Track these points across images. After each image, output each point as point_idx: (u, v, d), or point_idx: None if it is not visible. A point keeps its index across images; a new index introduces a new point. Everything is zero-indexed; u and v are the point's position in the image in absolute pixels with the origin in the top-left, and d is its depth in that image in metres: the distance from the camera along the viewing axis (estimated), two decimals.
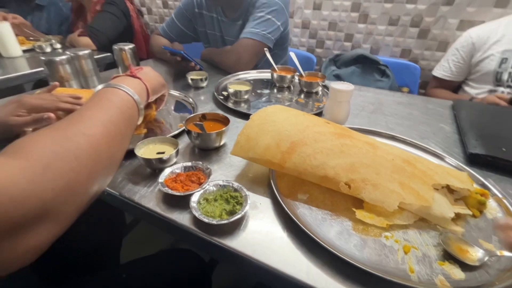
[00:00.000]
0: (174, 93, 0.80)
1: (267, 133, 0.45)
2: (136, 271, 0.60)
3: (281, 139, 0.44)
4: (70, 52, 0.81)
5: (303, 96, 0.86)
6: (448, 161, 0.51)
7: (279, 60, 1.20)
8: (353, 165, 0.41)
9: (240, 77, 0.98)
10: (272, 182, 0.43)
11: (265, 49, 0.98)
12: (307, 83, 0.86)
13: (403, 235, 0.37)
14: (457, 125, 0.68)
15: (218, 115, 0.59)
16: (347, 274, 0.32)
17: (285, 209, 0.37)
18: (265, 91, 0.88)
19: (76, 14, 1.57)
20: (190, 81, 0.88)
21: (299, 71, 0.91)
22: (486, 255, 0.33)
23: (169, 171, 0.44)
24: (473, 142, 0.56)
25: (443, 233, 0.37)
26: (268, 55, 0.96)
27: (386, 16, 1.35)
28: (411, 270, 0.32)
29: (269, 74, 0.95)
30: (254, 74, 1.01)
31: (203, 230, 0.36)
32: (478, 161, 0.52)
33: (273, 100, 0.83)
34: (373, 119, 0.72)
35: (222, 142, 0.55)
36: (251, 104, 0.79)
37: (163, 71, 1.05)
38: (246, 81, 0.84)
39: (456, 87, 1.20)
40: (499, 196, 0.43)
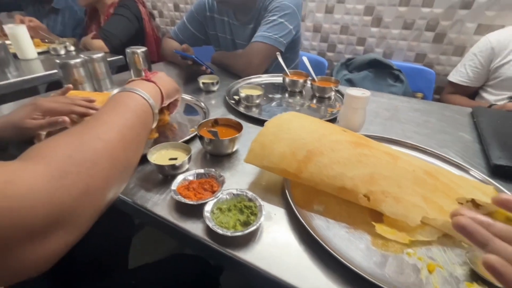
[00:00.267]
0: (186, 97, 0.80)
1: (282, 141, 0.44)
2: (145, 277, 0.60)
3: (297, 147, 0.43)
4: (84, 55, 0.82)
5: (315, 101, 0.85)
6: (472, 173, 0.49)
7: (290, 64, 1.18)
8: (372, 176, 0.39)
9: (251, 81, 0.97)
10: (287, 192, 0.41)
11: (277, 53, 0.97)
12: (320, 88, 0.84)
13: (426, 252, 0.35)
14: (478, 134, 0.66)
15: (230, 120, 0.58)
16: None
17: (303, 223, 0.36)
18: (277, 95, 0.87)
19: (90, 17, 1.60)
20: (201, 85, 0.87)
21: (311, 76, 0.89)
22: None
23: (181, 178, 0.43)
24: (497, 152, 0.53)
25: (469, 251, 0.35)
26: (280, 59, 0.95)
27: (400, 19, 1.32)
28: None
29: (281, 78, 0.94)
30: (265, 78, 1.00)
31: (217, 241, 0.35)
32: (503, 173, 0.50)
33: (284, 104, 0.82)
34: (389, 126, 0.70)
35: (234, 148, 0.54)
36: (262, 108, 0.78)
37: (174, 75, 1.06)
38: (257, 86, 0.83)
39: (473, 93, 1.16)
40: None
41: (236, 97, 0.81)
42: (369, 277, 0.30)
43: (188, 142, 0.57)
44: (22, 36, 1.20)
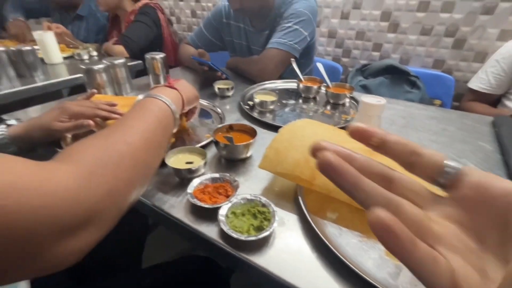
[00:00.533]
0: (202, 102, 0.82)
1: (296, 148, 0.45)
2: (157, 277, 0.61)
3: None
4: (106, 61, 0.86)
5: (329, 107, 0.85)
6: None
7: (305, 69, 1.19)
8: None
9: (265, 86, 0.98)
10: (300, 198, 0.42)
11: (292, 59, 0.98)
12: (334, 95, 0.84)
13: None
14: (499, 144, 0.64)
15: (245, 126, 0.59)
16: None
17: (316, 230, 0.36)
18: (291, 101, 0.88)
19: (112, 23, 1.67)
20: (216, 90, 0.89)
21: (325, 82, 0.90)
22: None
23: (197, 182, 0.45)
24: None
25: None
26: (294, 65, 0.96)
27: (418, 25, 1.30)
28: None
29: (295, 84, 0.95)
30: (279, 84, 1.01)
31: (231, 244, 0.36)
32: None
33: (297, 110, 0.82)
34: (404, 134, 0.69)
35: (248, 153, 0.55)
36: (276, 114, 0.79)
37: (190, 79, 1.08)
38: (272, 91, 0.84)
39: (494, 101, 1.12)
40: None
41: (250, 103, 0.83)
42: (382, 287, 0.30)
43: (203, 146, 0.58)
44: (49, 42, 1.27)
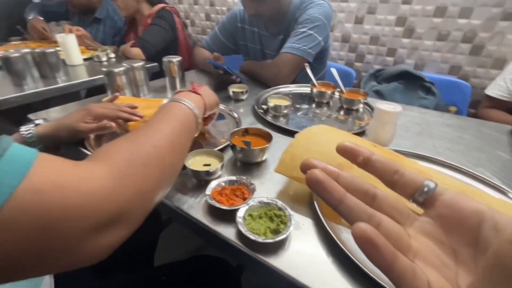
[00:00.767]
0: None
1: (312, 153, 0.46)
2: (170, 275, 0.63)
3: (326, 160, 0.43)
4: (126, 63, 0.89)
5: (342, 112, 0.85)
6: (511, 196, 0.47)
7: (317, 74, 1.19)
8: None
9: (279, 91, 0.99)
10: (316, 203, 0.43)
11: (305, 64, 0.99)
12: (348, 100, 0.84)
13: None
14: None
15: (260, 130, 0.60)
16: None
17: (333, 236, 0.37)
18: (304, 106, 0.89)
19: (129, 26, 1.72)
20: (231, 93, 0.91)
21: (339, 87, 0.90)
22: None
23: (215, 183, 0.46)
24: None
25: None
26: (308, 70, 0.97)
27: (434, 31, 1.29)
28: None
29: (308, 88, 0.96)
30: (293, 88, 1.01)
31: (248, 246, 0.37)
32: None
33: (310, 115, 0.83)
34: (419, 141, 0.68)
35: (264, 157, 0.56)
36: (289, 118, 0.80)
37: (205, 82, 1.11)
38: (285, 96, 0.85)
39: None
40: None
41: (264, 107, 0.84)
42: None
43: (219, 149, 0.60)
44: (71, 44, 1.32)
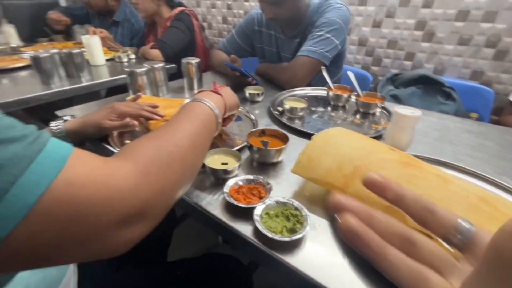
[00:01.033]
0: None
1: (328, 155, 0.46)
2: (184, 271, 0.64)
3: (344, 162, 0.44)
4: (147, 64, 0.92)
5: (359, 116, 0.85)
6: None
7: (333, 77, 1.19)
8: None
9: (295, 93, 1.00)
10: None
11: (322, 67, 0.99)
12: (365, 104, 0.84)
13: None
14: None
15: (277, 131, 0.61)
16: None
17: None
18: (319, 108, 0.89)
19: (149, 28, 1.78)
20: (247, 95, 0.92)
21: (356, 91, 0.90)
22: None
23: (232, 182, 0.47)
24: None
25: None
26: (324, 73, 0.97)
27: (455, 35, 1.26)
28: None
29: (324, 91, 0.96)
30: (309, 91, 1.02)
31: (264, 243, 0.38)
32: None
33: (326, 117, 0.83)
34: (438, 147, 0.67)
35: (280, 158, 0.57)
36: (304, 120, 0.80)
37: (221, 84, 1.13)
38: (301, 98, 0.86)
39: None
40: None
41: (279, 109, 0.85)
42: None
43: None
44: (95, 45, 1.38)
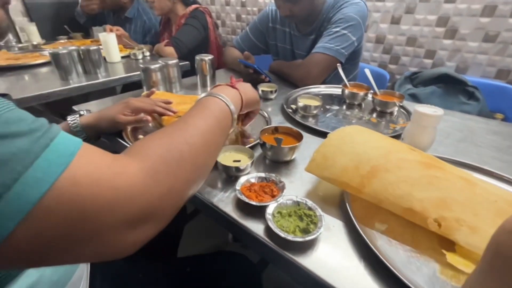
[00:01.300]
0: None
1: (345, 154, 0.44)
2: (194, 268, 0.64)
3: (361, 161, 0.43)
4: (161, 61, 0.93)
5: (375, 115, 0.82)
6: None
7: (349, 75, 1.16)
8: (444, 201, 0.37)
9: (309, 91, 0.98)
10: (348, 206, 0.41)
11: (338, 64, 0.97)
12: (383, 103, 0.81)
13: None
14: None
15: (290, 129, 0.60)
16: None
17: (366, 240, 0.35)
18: (334, 107, 0.86)
19: (163, 26, 1.80)
20: (260, 92, 0.91)
21: (373, 89, 0.87)
22: None
23: (244, 179, 0.46)
24: None
25: None
26: (340, 70, 0.94)
27: (480, 31, 1.19)
28: None
29: (339, 89, 0.93)
30: (323, 88, 1.00)
31: (276, 243, 0.37)
32: None
33: (340, 116, 0.80)
34: (462, 149, 0.64)
35: (293, 156, 0.56)
36: (318, 119, 0.78)
37: None
38: (315, 96, 0.84)
39: None
40: None
41: (293, 106, 0.83)
42: None
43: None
44: (111, 42, 1.41)
